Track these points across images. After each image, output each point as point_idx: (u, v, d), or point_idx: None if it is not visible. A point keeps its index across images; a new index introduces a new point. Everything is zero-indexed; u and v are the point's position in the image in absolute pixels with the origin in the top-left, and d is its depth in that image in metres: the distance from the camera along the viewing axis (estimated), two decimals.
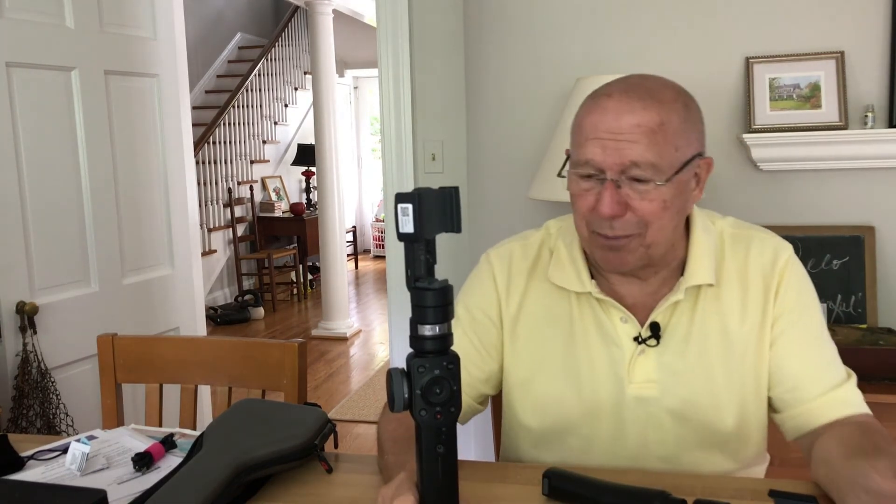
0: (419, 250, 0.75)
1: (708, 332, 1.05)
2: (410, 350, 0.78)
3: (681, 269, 1.07)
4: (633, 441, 1.07)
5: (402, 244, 0.75)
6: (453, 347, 1.12)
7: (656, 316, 1.05)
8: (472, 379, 1.14)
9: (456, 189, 0.74)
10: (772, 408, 1.09)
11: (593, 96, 1.01)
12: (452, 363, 0.76)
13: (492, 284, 1.15)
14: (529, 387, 1.12)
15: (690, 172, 1.00)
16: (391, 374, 0.76)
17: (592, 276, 1.08)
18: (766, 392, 1.08)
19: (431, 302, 0.75)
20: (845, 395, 1.04)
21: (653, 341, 1.05)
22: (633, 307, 1.07)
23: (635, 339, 1.06)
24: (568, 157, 1.06)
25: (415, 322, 0.76)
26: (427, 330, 0.76)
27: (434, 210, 0.73)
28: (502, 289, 1.14)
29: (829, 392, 1.03)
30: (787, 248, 1.09)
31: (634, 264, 1.01)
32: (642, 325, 1.06)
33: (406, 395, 0.76)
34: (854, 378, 1.07)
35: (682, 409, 1.05)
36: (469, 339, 1.14)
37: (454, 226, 0.74)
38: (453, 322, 1.14)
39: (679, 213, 1.01)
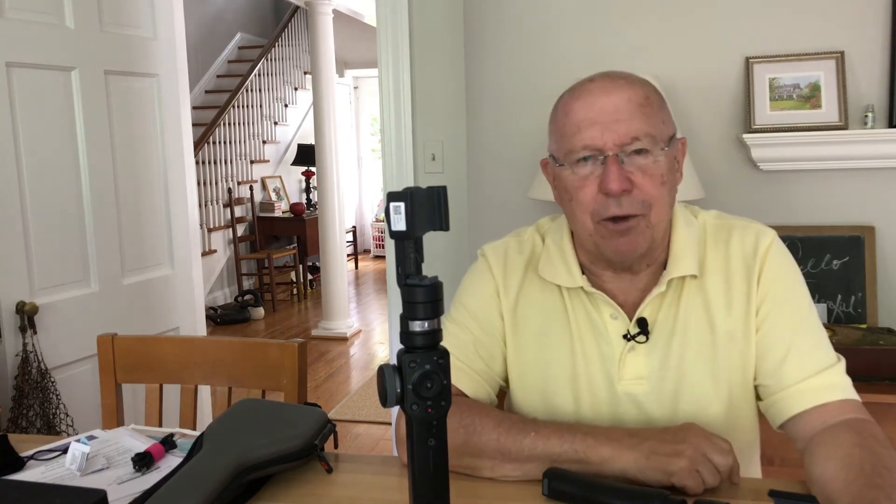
0: (409, 248, 0.76)
1: (694, 325, 1.05)
2: (401, 346, 0.79)
3: (665, 265, 1.07)
4: None
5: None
6: (460, 344, 1.14)
7: (643, 311, 1.06)
8: (491, 371, 1.14)
9: (444, 188, 0.76)
10: (757, 396, 1.09)
11: (571, 90, 1.04)
12: (443, 358, 0.77)
13: (489, 277, 1.16)
14: (530, 379, 1.13)
15: (676, 149, 1.03)
16: (383, 369, 0.77)
17: (583, 273, 1.09)
18: (753, 381, 1.07)
19: (421, 298, 0.76)
20: (829, 379, 1.01)
21: (642, 338, 1.06)
22: (622, 305, 1.07)
23: (624, 336, 1.06)
24: (545, 167, 1.09)
25: (405, 318, 0.77)
26: (417, 325, 0.77)
27: (424, 208, 0.75)
28: (500, 281, 1.15)
29: (811, 377, 1.01)
30: (769, 234, 1.08)
31: (642, 247, 1.01)
32: (631, 322, 1.06)
33: (398, 391, 0.77)
34: (842, 362, 1.04)
35: (672, 404, 1.05)
36: (475, 334, 1.14)
37: (442, 224, 0.75)
38: (456, 319, 1.16)
39: (672, 193, 1.03)
